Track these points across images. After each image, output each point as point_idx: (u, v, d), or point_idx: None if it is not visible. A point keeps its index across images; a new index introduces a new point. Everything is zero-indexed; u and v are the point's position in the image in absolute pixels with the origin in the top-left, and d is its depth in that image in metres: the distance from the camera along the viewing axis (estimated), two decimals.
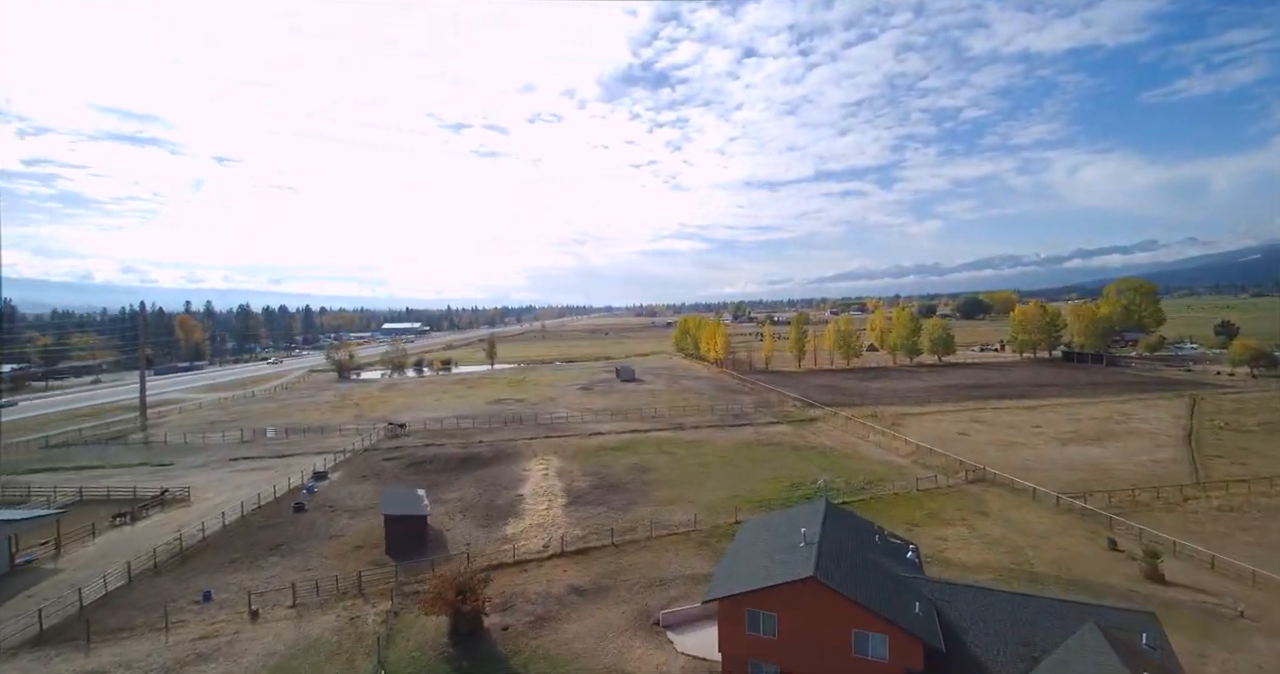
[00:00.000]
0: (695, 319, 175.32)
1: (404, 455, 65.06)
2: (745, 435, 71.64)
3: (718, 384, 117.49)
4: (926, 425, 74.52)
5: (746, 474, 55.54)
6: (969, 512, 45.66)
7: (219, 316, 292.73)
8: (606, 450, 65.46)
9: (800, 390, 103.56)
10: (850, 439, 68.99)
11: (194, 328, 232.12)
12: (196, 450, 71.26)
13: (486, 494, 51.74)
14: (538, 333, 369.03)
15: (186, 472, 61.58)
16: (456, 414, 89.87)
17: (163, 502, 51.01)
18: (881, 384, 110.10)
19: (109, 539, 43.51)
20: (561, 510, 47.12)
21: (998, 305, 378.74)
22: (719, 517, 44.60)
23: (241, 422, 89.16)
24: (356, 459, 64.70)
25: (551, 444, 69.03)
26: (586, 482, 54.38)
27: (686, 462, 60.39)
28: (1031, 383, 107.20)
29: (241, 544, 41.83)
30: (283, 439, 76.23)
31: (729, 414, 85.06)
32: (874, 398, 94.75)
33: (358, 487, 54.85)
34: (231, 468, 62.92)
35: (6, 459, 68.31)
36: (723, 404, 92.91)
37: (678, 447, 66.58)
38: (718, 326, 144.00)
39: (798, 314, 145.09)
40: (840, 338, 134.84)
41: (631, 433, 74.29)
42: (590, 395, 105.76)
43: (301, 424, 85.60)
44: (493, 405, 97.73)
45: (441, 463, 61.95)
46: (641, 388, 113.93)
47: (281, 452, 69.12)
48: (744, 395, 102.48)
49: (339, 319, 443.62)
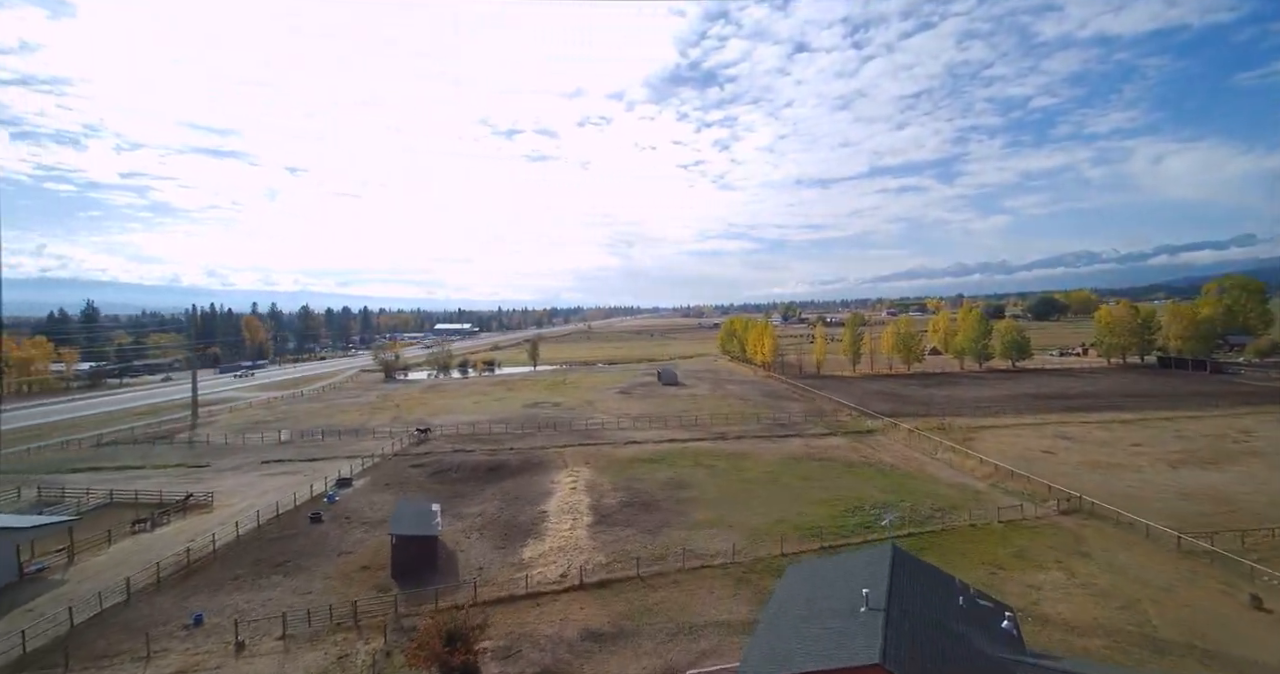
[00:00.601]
0: (742, 320, 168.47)
1: (431, 462, 62.51)
2: (794, 448, 65.45)
3: (765, 389, 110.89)
4: (1004, 441, 66.12)
5: (795, 495, 49.63)
6: (1065, 551, 38.37)
7: (284, 317, 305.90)
8: (641, 462, 60.83)
9: (856, 397, 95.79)
10: (915, 456, 61.68)
11: (258, 328, 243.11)
12: (235, 451, 71.25)
13: (509, 509, 48.05)
14: (583, 333, 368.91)
15: (218, 474, 61.04)
16: (491, 417, 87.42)
17: (185, 507, 49.94)
18: (948, 392, 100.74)
19: (124, 548, 42.26)
20: (586, 531, 42.78)
21: (1074, 305, 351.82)
22: (762, 546, 39.14)
23: (284, 422, 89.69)
24: (384, 465, 62.62)
25: (584, 453, 65.00)
26: (616, 498, 49.88)
27: (727, 477, 54.98)
28: (1124, 393, 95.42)
29: (248, 559, 39.56)
30: (318, 441, 75.50)
31: (776, 423, 78.82)
32: (940, 407, 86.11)
33: (379, 496, 52.36)
34: (262, 471, 62.01)
35: (58, 457, 70.21)
36: (769, 412, 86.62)
37: (718, 459, 61.21)
38: (765, 328, 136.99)
39: (853, 314, 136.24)
40: (900, 340, 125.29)
41: (669, 442, 69.36)
42: (629, 400, 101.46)
43: (340, 426, 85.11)
44: (529, 409, 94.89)
45: (467, 471, 58.91)
46: (683, 392, 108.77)
47: (314, 455, 68.05)
48: (793, 402, 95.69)
49: (395, 320, 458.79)
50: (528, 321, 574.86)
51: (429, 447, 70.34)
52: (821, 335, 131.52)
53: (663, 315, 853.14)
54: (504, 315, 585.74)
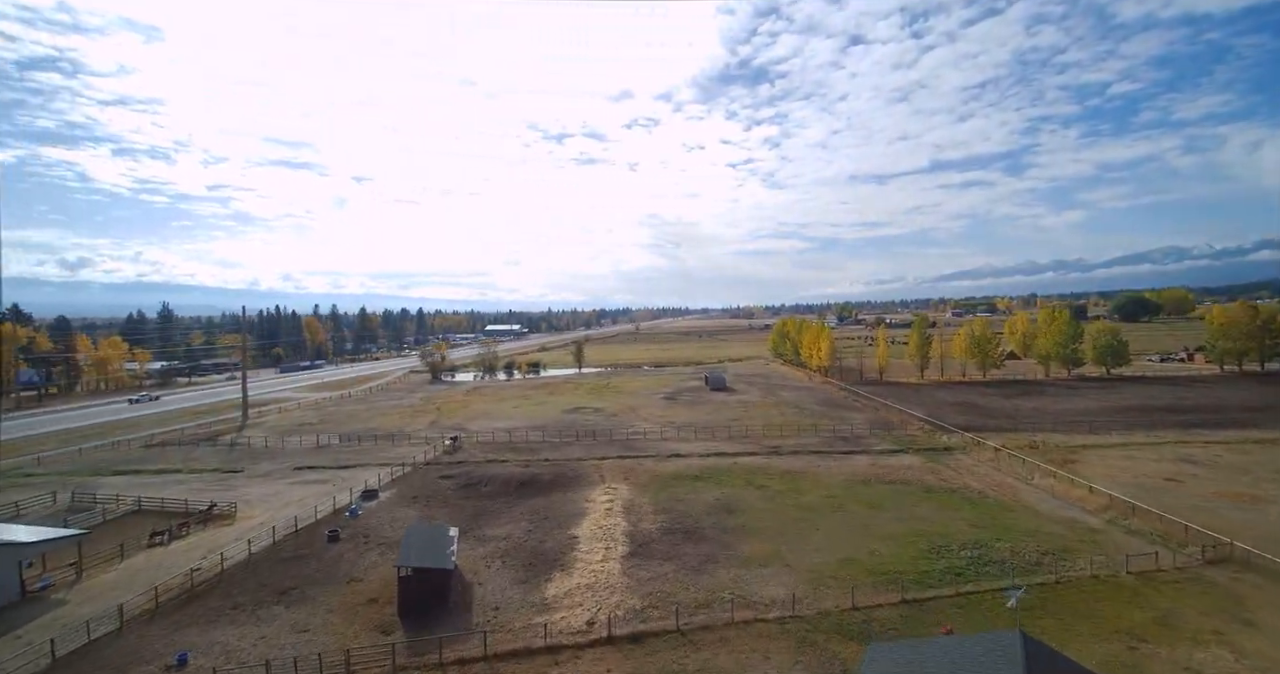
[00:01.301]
0: (795, 321, 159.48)
1: (461, 473, 58.82)
2: (859, 467, 58.02)
3: (821, 397, 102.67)
4: (1114, 465, 56.44)
5: (864, 526, 42.65)
6: (1224, 617, 30.06)
7: (344, 319, 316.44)
8: (685, 479, 55.02)
9: (927, 408, 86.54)
10: (1006, 481, 53.12)
11: (318, 329, 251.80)
12: (273, 455, 70.09)
13: (537, 532, 43.33)
14: (630, 335, 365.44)
15: (249, 481, 59.41)
16: (529, 424, 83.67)
17: (207, 518, 47.86)
18: (1034, 402, 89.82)
19: (135, 564, 40.05)
20: (620, 564, 37.42)
21: (1168, 305, 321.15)
22: (827, 594, 32.67)
23: (326, 425, 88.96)
24: (414, 475, 59.41)
25: (623, 467, 59.79)
26: (656, 523, 44.32)
27: (783, 501, 48.42)
28: (1250, 406, 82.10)
29: (253, 584, 36.34)
30: (354, 446, 73.58)
31: (836, 436, 71.23)
32: (1028, 421, 76.04)
33: (404, 511, 48.81)
34: (293, 478, 60.00)
35: (107, 457, 70.95)
36: (828, 423, 78.91)
37: (772, 478, 54.64)
38: (821, 329, 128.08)
39: (919, 315, 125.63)
40: (975, 343, 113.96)
41: (716, 456, 63.23)
42: (674, 406, 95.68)
43: (378, 429, 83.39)
44: (569, 414, 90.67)
45: (498, 485, 54.77)
46: (732, 398, 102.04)
47: (347, 461, 65.83)
48: (854, 412, 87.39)
49: (448, 321, 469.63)
50: (576, 323, 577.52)
51: (462, 455, 66.94)
52: (884, 338, 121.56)
53: (712, 316, 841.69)
54: (553, 316, 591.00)
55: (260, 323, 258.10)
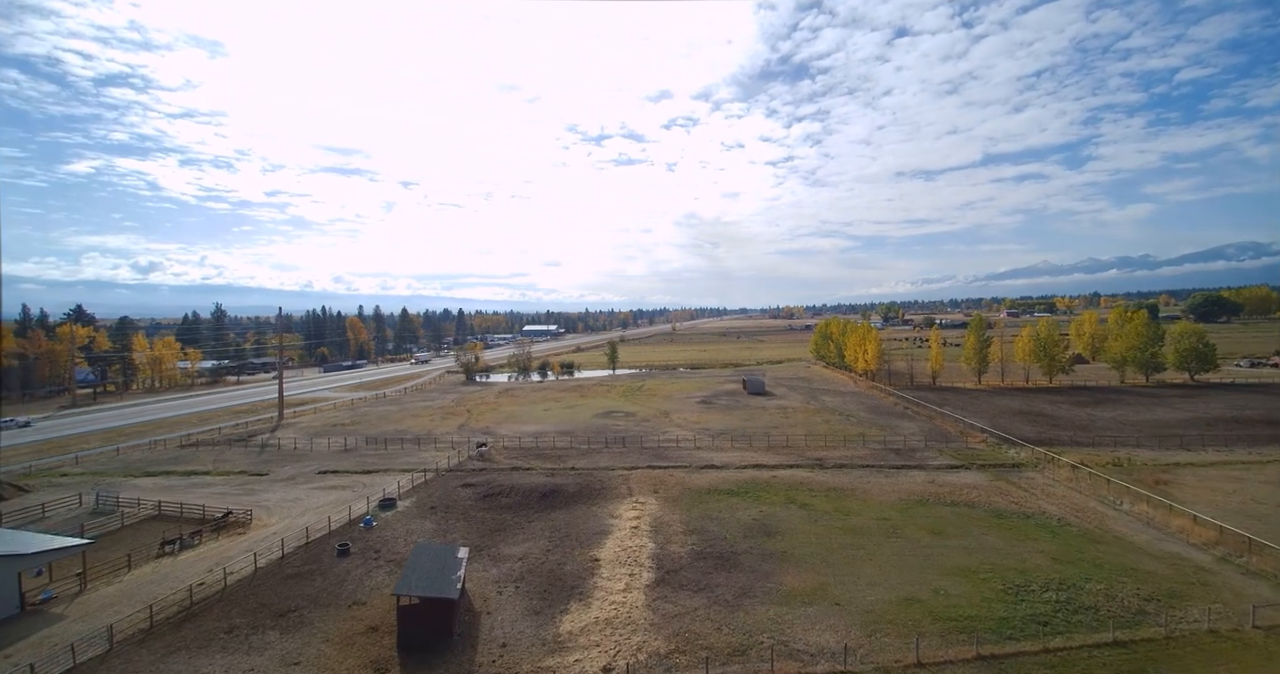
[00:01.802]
0: (839, 322, 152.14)
1: (483, 482, 56.04)
2: (914, 484, 52.40)
3: (869, 403, 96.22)
4: (1217, 487, 49.13)
5: (925, 556, 37.46)
6: None
7: (388, 319, 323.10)
8: (719, 494, 50.68)
9: (988, 417, 79.40)
10: (1089, 505, 46.65)
11: (361, 330, 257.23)
12: (300, 458, 69.19)
13: (556, 552, 39.87)
14: (666, 335, 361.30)
15: (272, 485, 58.21)
16: (558, 428, 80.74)
17: (222, 526, 46.40)
18: (1112, 412, 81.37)
19: (141, 575, 38.52)
20: (644, 595, 33.51)
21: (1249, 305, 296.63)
22: (887, 645, 27.93)
23: (357, 426, 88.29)
24: (435, 482, 57.01)
25: (652, 478, 55.86)
26: (686, 545, 40.22)
27: (829, 523, 43.54)
28: None
29: (253, 603, 34.05)
30: (381, 450, 72.08)
31: (888, 448, 65.44)
32: (1107, 434, 68.38)
33: (419, 523, 46.22)
34: (315, 483, 58.50)
35: (142, 457, 71.48)
36: (878, 432, 73.00)
37: (816, 495, 49.71)
38: (868, 331, 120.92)
39: (976, 316, 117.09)
40: (1040, 346, 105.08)
41: (754, 468, 58.58)
42: (710, 411, 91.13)
43: (407, 432, 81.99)
44: (600, 419, 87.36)
45: (520, 496, 51.68)
46: (771, 403, 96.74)
47: (371, 466, 64.16)
48: (906, 420, 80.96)
49: (487, 321, 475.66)
50: (613, 323, 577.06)
51: (486, 462, 64.34)
52: (937, 339, 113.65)
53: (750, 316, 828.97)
54: (590, 317, 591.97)
55: (307, 323, 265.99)
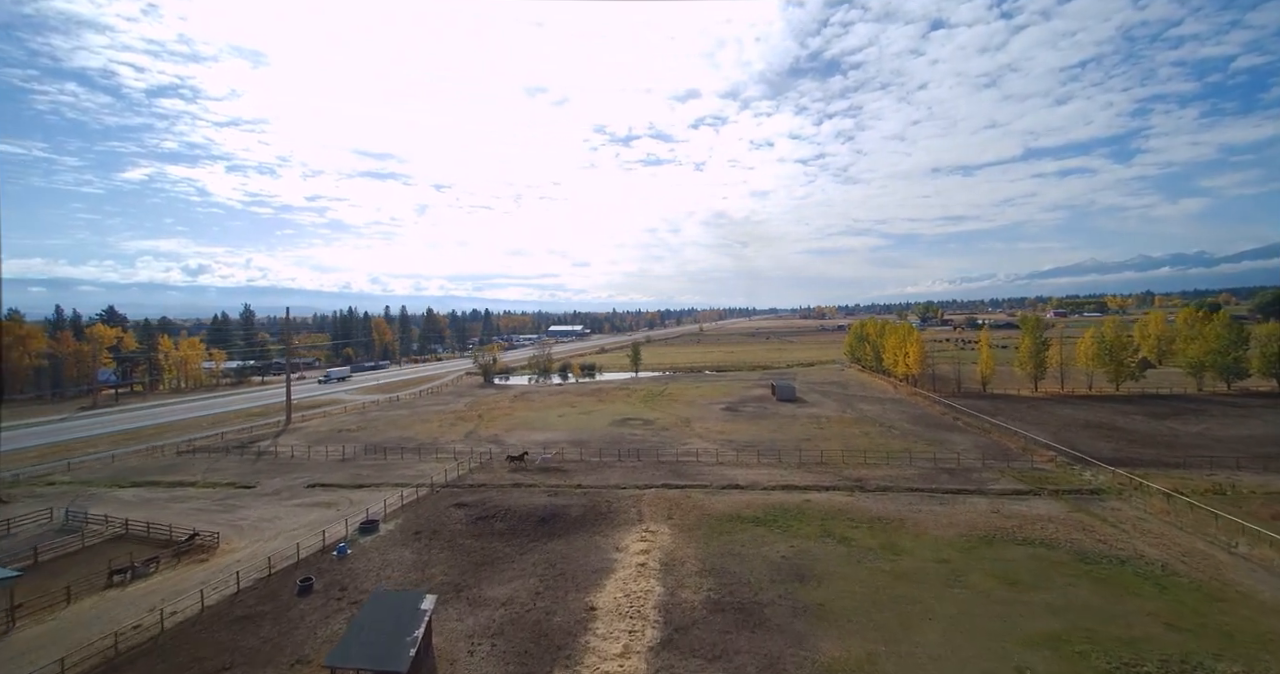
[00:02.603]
0: (876, 322, 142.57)
1: (478, 501, 50.34)
2: (975, 515, 44.51)
3: (912, 412, 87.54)
4: None
5: (1000, 616, 29.94)
6: None
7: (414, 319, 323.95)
8: (743, 523, 43.79)
9: (1051, 430, 70.25)
10: (1197, 546, 38.11)
11: (386, 330, 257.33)
12: (294, 468, 64.93)
13: (547, 596, 33.69)
14: (693, 336, 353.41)
15: (253, 501, 53.68)
16: (571, 437, 74.87)
17: (183, 551, 41.72)
18: (1196, 426, 71.19)
19: (80, 611, 33.86)
20: (645, 663, 27.02)
21: None
22: None
23: (363, 432, 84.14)
24: (427, 501, 51.58)
25: (667, 501, 49.26)
26: (702, 591, 33.54)
27: (875, 565, 36.26)
28: None
29: (184, 657, 28.83)
30: (380, 460, 67.35)
31: (939, 467, 57.35)
32: (1196, 453, 58.77)
33: (399, 551, 40.71)
34: (300, 499, 53.78)
35: (134, 465, 68.28)
36: (925, 447, 64.83)
37: (858, 527, 42.37)
38: (909, 332, 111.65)
39: (1031, 316, 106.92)
40: (1105, 349, 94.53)
41: (784, 490, 51.42)
42: (735, 420, 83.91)
43: (412, 439, 77.29)
44: (616, 427, 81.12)
45: (515, 520, 45.76)
46: (803, 411, 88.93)
47: (364, 479, 59.28)
48: (957, 433, 72.35)
49: (513, 322, 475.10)
50: (639, 323, 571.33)
51: (486, 475, 58.75)
52: (986, 342, 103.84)
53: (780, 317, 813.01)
54: (616, 317, 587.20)
55: (335, 324, 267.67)
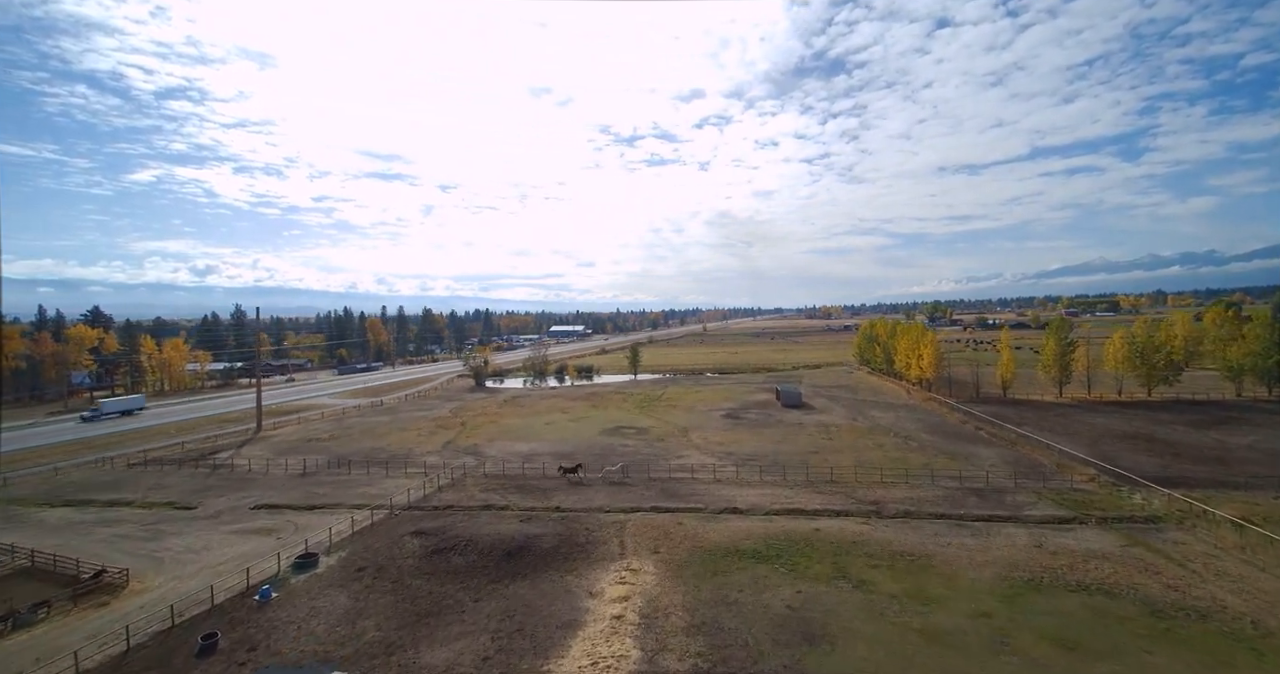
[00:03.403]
0: (886, 323, 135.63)
1: (438, 529, 43.98)
2: (1014, 549, 37.80)
3: (929, 420, 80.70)
4: None
5: None
6: None
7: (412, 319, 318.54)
8: (742, 558, 37.25)
9: (1086, 443, 63.33)
10: None
11: (380, 330, 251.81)
12: (247, 485, 58.86)
13: (495, 664, 27.27)
14: (696, 336, 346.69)
15: (187, 526, 47.51)
16: (556, 448, 68.58)
17: (84, 591, 35.55)
18: (1246, 438, 64.09)
19: None
20: None
21: None
22: None
23: (335, 442, 78.10)
24: (382, 527, 45.30)
25: (655, 529, 42.78)
26: (687, 658, 27.03)
27: (901, 619, 29.65)
28: None
29: None
30: (342, 476, 61.20)
31: (965, 487, 50.58)
32: (1254, 470, 51.77)
33: (333, 596, 34.39)
34: (239, 524, 47.58)
35: (78, 479, 62.29)
36: (947, 462, 58.09)
37: (878, 565, 35.74)
38: (923, 333, 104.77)
39: (1058, 317, 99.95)
40: (1137, 351, 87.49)
41: (789, 515, 44.85)
42: (736, 429, 77.29)
43: (384, 450, 71.16)
44: (607, 436, 74.71)
45: (477, 554, 39.39)
46: (810, 419, 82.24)
47: (320, 499, 53.10)
48: (980, 445, 65.53)
49: (515, 322, 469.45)
50: (643, 324, 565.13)
51: (457, 495, 52.45)
52: (1008, 343, 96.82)
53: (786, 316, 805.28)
54: (620, 317, 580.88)
55: (329, 324, 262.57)
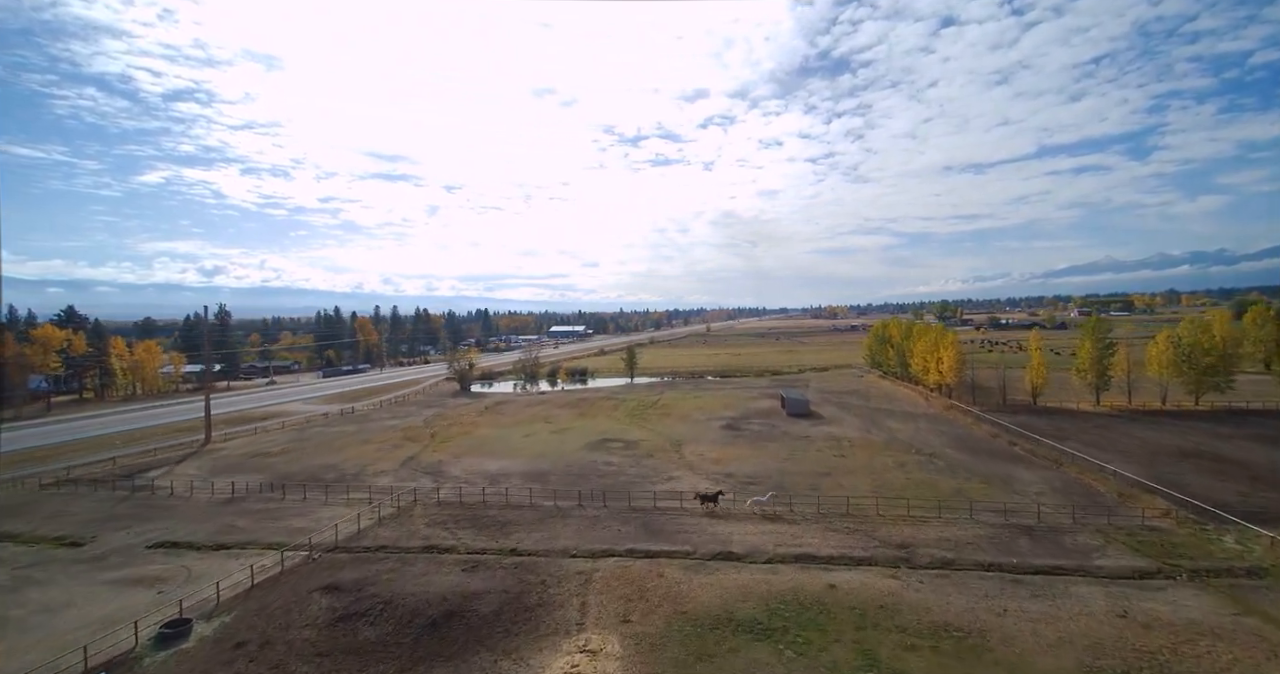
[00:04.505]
0: (901, 323, 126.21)
1: (358, 582, 35.21)
2: (1093, 622, 28.69)
3: (953, 432, 71.44)
4: None
5: None
6: None
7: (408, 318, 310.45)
8: (736, 633, 28.29)
9: (1141, 462, 53.97)
10: None
11: (370, 331, 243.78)
12: (162, 514, 50.36)
13: None
14: (699, 337, 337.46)
15: (62, 571, 38.97)
16: (530, 467, 59.89)
17: None
18: None
19: None
20: None
21: None
22: None
23: (284, 457, 69.68)
24: (291, 578, 36.58)
25: (628, 583, 33.86)
26: None
27: None
28: None
29: None
30: (275, 501, 52.68)
31: (1012, 522, 41.39)
32: None
33: None
34: (125, 570, 38.98)
35: None
36: (983, 487, 48.92)
37: (917, 649, 26.72)
38: (943, 335, 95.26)
39: (1094, 318, 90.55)
40: (1183, 354, 77.97)
41: (798, 563, 35.86)
42: (736, 443, 68.27)
43: (335, 468, 62.67)
44: (589, 452, 65.89)
45: (395, 623, 30.62)
46: (819, 431, 73.12)
47: (233, 534, 44.46)
48: (1019, 466, 56.26)
49: (515, 322, 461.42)
50: (645, 324, 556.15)
51: (397, 531, 43.73)
52: (1038, 345, 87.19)
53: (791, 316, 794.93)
54: (623, 317, 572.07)
55: (319, 324, 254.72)
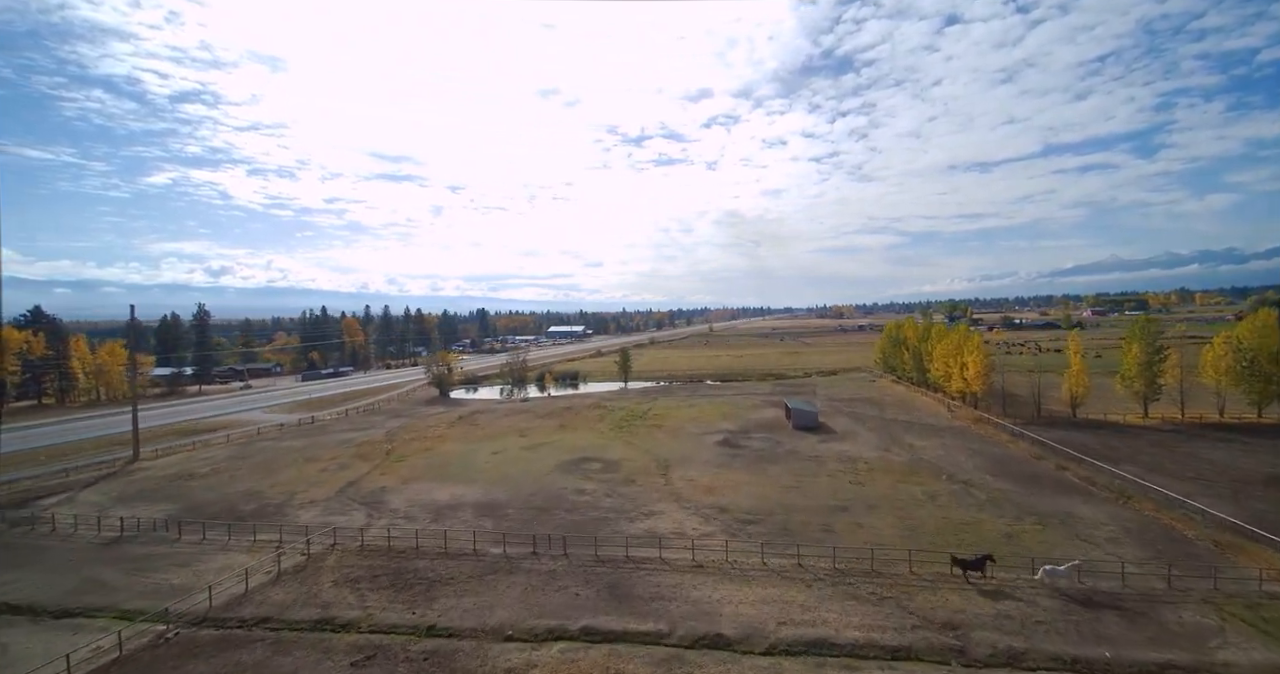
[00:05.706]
0: (918, 325, 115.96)
1: None
2: None
3: (987, 451, 61.34)
4: None
5: None
6: None
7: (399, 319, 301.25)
8: None
9: (1221, 491, 43.81)
10: None
11: (356, 331, 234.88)
12: (23, 560, 41.08)
13: None
14: (701, 337, 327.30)
15: None
16: (487, 496, 50.34)
17: None
18: None
19: None
20: None
21: None
22: None
23: (212, 479, 60.44)
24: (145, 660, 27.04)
25: None
26: None
27: None
28: None
29: None
30: (165, 545, 43.30)
31: (1086, 587, 31.44)
32: None
33: None
34: None
35: None
36: (1038, 530, 38.96)
37: None
38: (967, 336, 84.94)
39: (1142, 318, 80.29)
40: (1242, 359, 67.63)
41: (811, 655, 26.07)
42: (732, 466, 58.31)
43: (253, 498, 53.21)
44: (561, 475, 56.21)
45: None
46: (829, 449, 63.18)
47: (82, 596, 34.99)
48: (1075, 498, 46.19)
49: (514, 322, 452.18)
50: (647, 323, 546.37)
51: (292, 593, 34.18)
52: (1078, 349, 76.87)
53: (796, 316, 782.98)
54: (624, 317, 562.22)
55: (304, 325, 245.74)
